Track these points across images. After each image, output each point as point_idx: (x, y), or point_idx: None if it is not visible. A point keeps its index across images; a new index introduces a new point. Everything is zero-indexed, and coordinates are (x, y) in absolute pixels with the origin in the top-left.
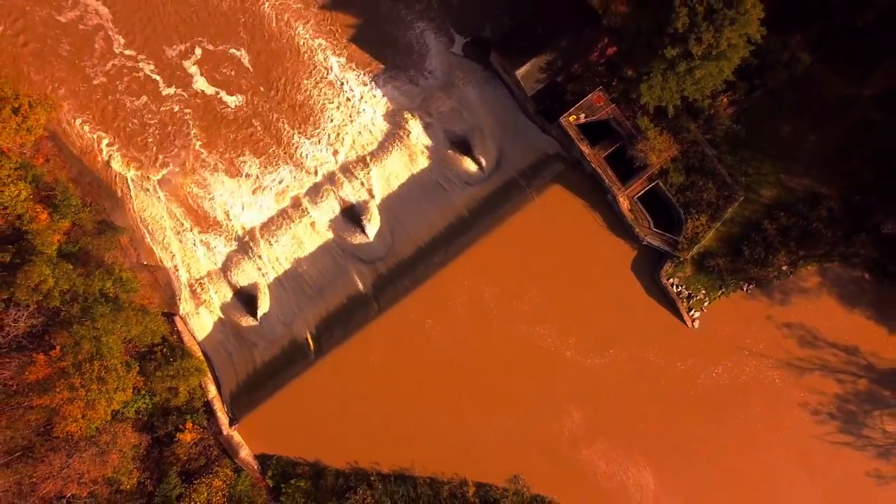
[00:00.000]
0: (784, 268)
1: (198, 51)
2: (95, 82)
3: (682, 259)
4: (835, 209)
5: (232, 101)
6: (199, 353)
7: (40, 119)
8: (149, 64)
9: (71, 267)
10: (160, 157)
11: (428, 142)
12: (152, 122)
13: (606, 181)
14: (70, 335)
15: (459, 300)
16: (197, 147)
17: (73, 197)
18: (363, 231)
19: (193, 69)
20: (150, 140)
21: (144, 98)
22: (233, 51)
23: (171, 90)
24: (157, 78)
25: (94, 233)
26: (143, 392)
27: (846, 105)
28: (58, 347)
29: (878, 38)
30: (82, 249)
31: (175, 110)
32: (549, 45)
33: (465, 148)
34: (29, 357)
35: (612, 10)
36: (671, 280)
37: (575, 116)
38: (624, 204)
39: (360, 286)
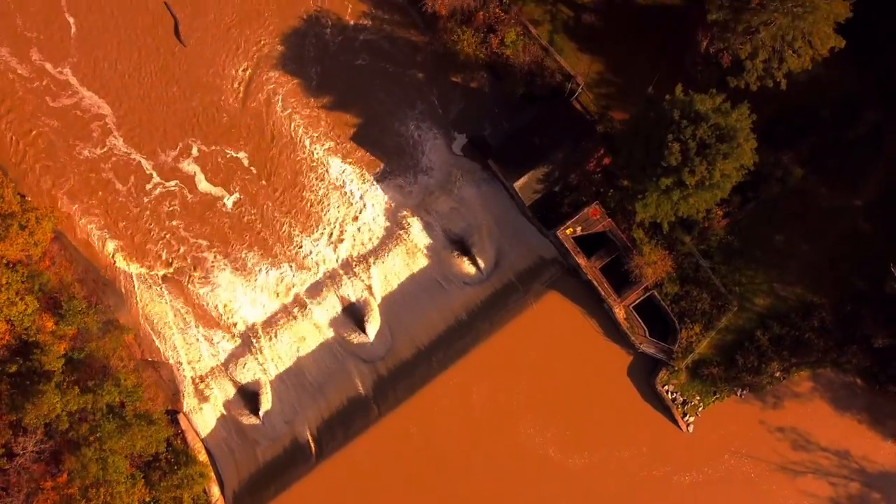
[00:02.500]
0: (777, 374)
1: (195, 150)
2: (92, 176)
3: (676, 368)
4: (826, 319)
5: (232, 198)
6: (203, 454)
7: (47, 233)
8: (147, 161)
9: (78, 390)
10: (163, 253)
11: (427, 241)
12: (153, 219)
13: (602, 293)
14: (78, 459)
15: (452, 403)
16: (198, 244)
17: (78, 302)
18: (363, 331)
19: (192, 167)
20: (152, 237)
21: (144, 195)
22: (231, 151)
23: (173, 185)
24: (154, 174)
25: (100, 334)
26: (149, 501)
27: (837, 214)
28: (65, 473)
29: (868, 150)
30: (88, 356)
31: (176, 208)
32: (546, 156)
33: (464, 248)
34: (37, 484)
35: (608, 116)
36: (666, 387)
37: (571, 229)
38: (619, 313)
39: (361, 388)
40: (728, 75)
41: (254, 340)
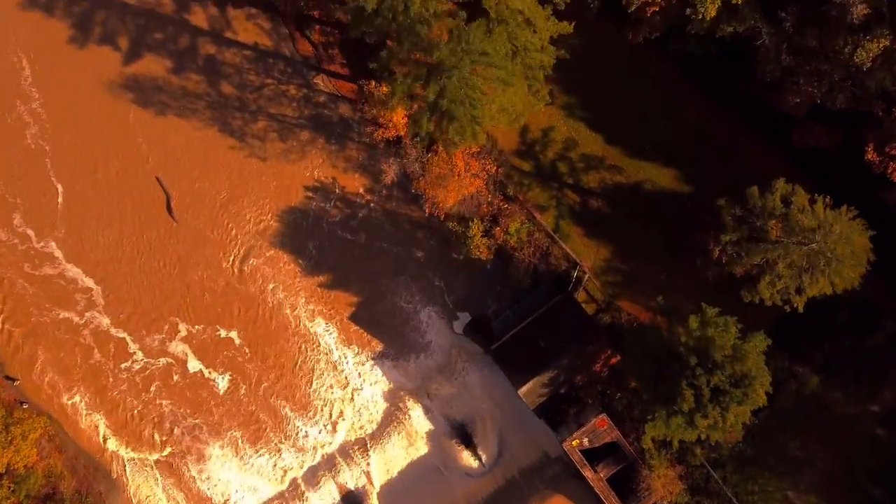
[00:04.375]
0: None
1: (185, 329)
2: (68, 338)
3: None
4: None
5: (224, 378)
6: None
7: (33, 446)
8: (134, 341)
9: None
10: (155, 436)
11: (428, 427)
12: (142, 399)
13: None
14: None
15: None
16: (190, 425)
17: None
18: None
19: (181, 346)
20: (142, 418)
21: (131, 374)
22: (223, 330)
23: (161, 363)
24: (140, 352)
25: None
26: None
27: (853, 421)
28: None
29: (885, 357)
30: None
31: (165, 388)
32: (551, 361)
33: (466, 435)
34: None
35: (615, 305)
36: None
37: (578, 441)
38: None
39: None
40: (741, 289)
41: None
